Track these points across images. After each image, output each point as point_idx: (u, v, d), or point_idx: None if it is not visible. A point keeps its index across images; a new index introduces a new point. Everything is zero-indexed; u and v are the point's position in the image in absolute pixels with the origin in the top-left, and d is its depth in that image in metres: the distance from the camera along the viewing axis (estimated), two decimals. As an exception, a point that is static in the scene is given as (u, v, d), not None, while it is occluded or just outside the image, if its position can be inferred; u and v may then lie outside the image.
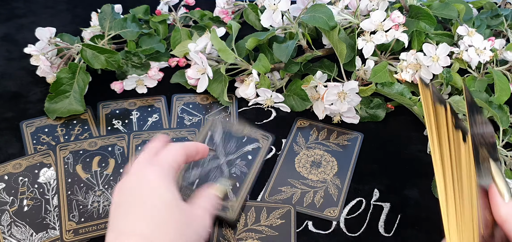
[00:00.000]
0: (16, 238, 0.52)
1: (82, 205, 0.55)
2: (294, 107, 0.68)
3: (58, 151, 0.60)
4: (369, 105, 0.68)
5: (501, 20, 0.78)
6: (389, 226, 0.54)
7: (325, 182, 0.59)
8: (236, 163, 0.59)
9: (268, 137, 0.63)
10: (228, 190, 0.56)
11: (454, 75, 0.66)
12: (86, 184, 0.57)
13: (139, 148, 0.62)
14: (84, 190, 0.56)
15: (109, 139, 0.63)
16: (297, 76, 0.73)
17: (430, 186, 0.58)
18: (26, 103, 0.69)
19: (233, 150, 0.60)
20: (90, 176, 0.58)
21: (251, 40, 0.69)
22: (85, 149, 0.61)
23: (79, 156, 0.60)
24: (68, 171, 0.58)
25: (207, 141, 0.60)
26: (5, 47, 0.81)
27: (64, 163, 0.59)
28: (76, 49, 0.71)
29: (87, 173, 0.58)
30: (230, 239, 0.52)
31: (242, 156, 0.60)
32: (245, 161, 0.60)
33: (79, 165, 0.59)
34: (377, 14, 0.69)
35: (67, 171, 0.58)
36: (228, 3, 0.87)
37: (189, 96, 0.71)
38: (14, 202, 0.55)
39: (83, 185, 0.57)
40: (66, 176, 0.58)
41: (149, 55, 0.74)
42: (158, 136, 0.50)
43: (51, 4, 0.94)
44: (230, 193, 0.56)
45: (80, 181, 0.57)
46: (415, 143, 0.64)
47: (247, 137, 0.62)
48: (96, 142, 0.62)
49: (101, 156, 0.60)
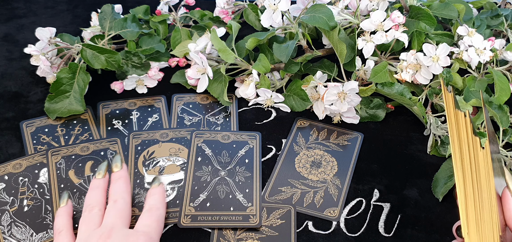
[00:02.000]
0: (16, 238, 0.51)
1: (75, 211, 0.54)
2: (294, 108, 0.68)
3: (50, 156, 0.59)
4: (369, 106, 0.68)
5: (501, 20, 0.78)
6: (389, 226, 0.54)
7: (325, 182, 0.59)
8: (237, 171, 0.59)
9: (255, 135, 0.63)
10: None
11: (454, 75, 0.66)
12: (79, 189, 0.56)
13: (138, 148, 0.62)
14: (77, 195, 0.56)
15: (101, 143, 0.62)
16: (297, 76, 0.73)
17: (430, 186, 0.58)
18: (26, 103, 0.69)
19: (228, 159, 0.60)
20: (82, 181, 0.57)
21: (251, 40, 0.69)
22: (77, 153, 0.60)
23: (72, 161, 0.59)
24: (60, 176, 0.57)
25: (200, 157, 0.60)
26: (5, 47, 0.81)
27: (57, 169, 0.58)
28: (76, 49, 0.71)
29: (80, 178, 0.58)
30: (230, 239, 0.52)
31: (239, 162, 0.60)
32: (244, 166, 0.60)
33: (72, 170, 0.58)
34: (377, 14, 0.69)
35: (59, 177, 0.57)
36: (228, 3, 0.87)
37: (189, 96, 0.71)
38: (14, 202, 0.55)
39: (76, 191, 0.56)
40: (59, 182, 0.57)
41: (149, 55, 0.74)
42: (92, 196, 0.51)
43: (51, 4, 0.94)
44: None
45: (73, 186, 0.57)
46: (415, 143, 0.64)
47: (236, 142, 0.62)
48: (88, 146, 0.61)
49: (93, 160, 0.60)
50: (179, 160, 0.60)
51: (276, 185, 0.58)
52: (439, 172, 0.58)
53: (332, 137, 0.65)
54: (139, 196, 0.55)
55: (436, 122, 0.64)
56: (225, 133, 0.64)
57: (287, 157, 0.62)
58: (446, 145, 0.62)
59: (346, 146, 0.64)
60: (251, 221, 0.53)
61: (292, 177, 0.59)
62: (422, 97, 0.68)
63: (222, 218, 0.54)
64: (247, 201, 0.56)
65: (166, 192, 0.56)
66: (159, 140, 0.63)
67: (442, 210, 0.56)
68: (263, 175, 0.59)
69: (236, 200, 0.56)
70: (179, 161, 0.60)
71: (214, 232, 0.53)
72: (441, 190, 0.57)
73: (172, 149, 0.62)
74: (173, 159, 0.60)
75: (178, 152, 0.61)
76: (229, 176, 0.58)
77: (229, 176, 0.58)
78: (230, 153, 0.61)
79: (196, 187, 0.57)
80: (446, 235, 0.53)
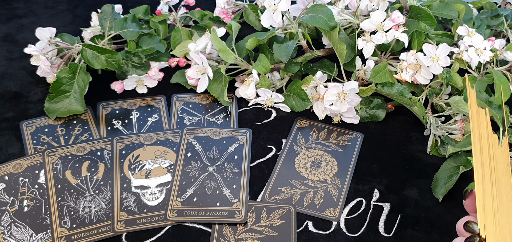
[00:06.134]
0: (16, 238, 0.51)
1: (73, 211, 0.54)
2: (294, 108, 0.68)
3: (47, 157, 0.59)
4: (369, 106, 0.68)
5: (501, 20, 0.78)
6: (389, 226, 0.54)
7: (325, 182, 0.59)
8: (226, 167, 0.59)
9: (245, 132, 0.64)
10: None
11: (454, 75, 0.66)
12: (76, 189, 0.56)
13: (123, 152, 0.61)
14: (74, 195, 0.56)
15: (97, 143, 0.62)
16: (297, 76, 0.73)
17: (430, 186, 0.58)
18: (26, 103, 0.69)
19: (217, 155, 0.61)
20: (80, 181, 0.57)
21: (251, 40, 0.69)
22: (74, 154, 0.60)
23: (68, 161, 0.59)
24: (57, 176, 0.57)
25: (189, 152, 0.60)
26: (5, 47, 0.81)
27: (53, 169, 0.58)
28: (76, 49, 0.71)
29: (77, 178, 0.58)
30: (230, 239, 0.52)
31: (228, 158, 0.60)
32: (233, 162, 0.60)
33: (69, 170, 0.58)
34: (377, 14, 0.69)
35: (56, 177, 0.57)
36: (228, 3, 0.87)
37: (189, 96, 0.71)
38: (14, 202, 0.55)
39: (73, 191, 0.56)
40: (56, 182, 0.57)
41: (149, 55, 0.75)
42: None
43: (51, 4, 0.94)
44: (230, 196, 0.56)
45: (70, 186, 0.57)
46: (415, 143, 0.64)
47: (226, 139, 0.62)
48: (84, 146, 0.61)
49: (90, 160, 0.60)
50: (165, 162, 0.60)
51: (276, 185, 0.58)
52: (439, 172, 0.58)
53: (332, 137, 0.65)
54: (126, 200, 0.56)
55: (436, 122, 0.64)
56: (216, 129, 0.64)
57: (287, 157, 0.62)
58: (446, 145, 0.62)
59: (346, 146, 0.64)
60: (237, 216, 0.54)
61: (292, 177, 0.59)
62: (422, 97, 0.68)
63: (208, 213, 0.54)
64: (233, 197, 0.56)
65: (154, 195, 0.56)
66: (143, 143, 0.63)
67: (442, 210, 0.56)
68: (263, 175, 0.59)
69: (223, 196, 0.56)
70: (165, 163, 0.60)
71: (214, 232, 0.53)
72: (441, 190, 0.57)
73: (157, 152, 0.62)
74: (159, 162, 0.60)
75: (164, 154, 0.61)
76: (218, 171, 0.59)
77: (217, 172, 0.59)
78: (220, 149, 0.62)
79: (184, 182, 0.57)
80: (446, 235, 0.53)
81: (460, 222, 0.43)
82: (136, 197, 0.56)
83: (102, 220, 0.53)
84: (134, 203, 0.55)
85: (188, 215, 0.54)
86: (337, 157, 0.62)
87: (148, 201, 0.56)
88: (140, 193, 0.56)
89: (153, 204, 0.55)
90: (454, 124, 0.63)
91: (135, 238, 0.52)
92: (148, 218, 0.54)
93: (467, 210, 0.44)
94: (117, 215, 0.54)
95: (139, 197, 0.56)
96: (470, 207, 0.44)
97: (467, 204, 0.44)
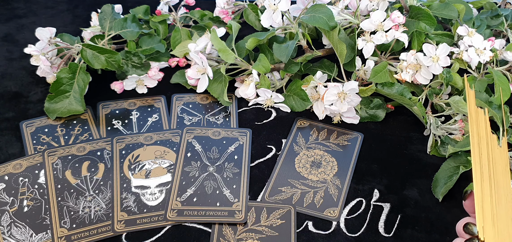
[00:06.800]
0: (16, 238, 0.51)
1: (73, 211, 0.54)
2: (294, 108, 0.68)
3: (47, 157, 0.59)
4: (369, 106, 0.68)
5: (501, 20, 0.78)
6: (389, 226, 0.54)
7: (325, 182, 0.59)
8: (226, 167, 0.59)
9: (245, 132, 0.64)
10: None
11: (454, 75, 0.66)
12: (76, 189, 0.56)
13: (123, 152, 0.62)
14: (74, 195, 0.56)
15: (97, 143, 0.62)
16: (297, 76, 0.73)
17: (430, 186, 0.58)
18: (26, 103, 0.69)
19: (217, 155, 0.61)
20: (80, 181, 0.57)
21: (251, 40, 0.69)
22: (73, 154, 0.60)
23: (68, 161, 0.59)
24: (57, 176, 0.57)
25: (189, 152, 0.60)
26: (5, 47, 0.81)
27: (53, 169, 0.58)
28: (76, 49, 0.71)
29: (77, 178, 0.58)
30: (230, 239, 0.52)
31: (228, 158, 0.60)
32: (233, 162, 0.60)
33: (68, 170, 0.58)
34: (377, 14, 0.69)
35: (56, 177, 0.57)
36: (228, 3, 0.87)
37: (189, 96, 0.71)
38: (14, 202, 0.55)
39: (73, 191, 0.56)
40: (56, 182, 0.57)
41: (149, 55, 0.75)
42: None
43: (51, 4, 0.94)
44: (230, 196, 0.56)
45: (70, 186, 0.57)
46: (415, 143, 0.64)
47: (226, 139, 0.62)
48: (84, 146, 0.61)
49: (90, 160, 0.60)
50: (165, 162, 0.60)
51: (276, 185, 0.58)
52: (439, 172, 0.58)
53: (332, 137, 0.65)
54: (126, 200, 0.56)
55: (436, 122, 0.64)
56: (216, 129, 0.64)
57: (287, 157, 0.62)
58: (446, 145, 0.62)
59: (346, 146, 0.64)
60: (237, 216, 0.54)
61: (292, 177, 0.59)
62: (422, 97, 0.68)
63: (208, 213, 0.54)
64: (233, 197, 0.56)
65: (154, 195, 0.56)
66: (143, 143, 0.63)
67: (442, 210, 0.56)
68: (263, 175, 0.59)
69: (223, 196, 0.56)
70: (165, 163, 0.60)
71: (214, 232, 0.53)
72: (441, 190, 0.57)
73: (157, 152, 0.62)
74: (159, 162, 0.60)
75: (164, 154, 0.61)
76: (217, 171, 0.59)
77: (217, 172, 0.59)
78: (220, 149, 0.62)
79: (184, 182, 0.57)
80: (446, 235, 0.53)
81: (459, 224, 0.43)
82: (136, 197, 0.56)
83: (102, 220, 0.53)
84: (134, 203, 0.55)
85: (188, 215, 0.54)
86: (337, 157, 0.62)
87: (148, 201, 0.56)
88: (140, 193, 0.56)
89: (153, 204, 0.55)
90: (454, 124, 0.63)
91: (135, 238, 0.52)
92: (148, 218, 0.54)
93: (467, 210, 0.44)
94: (117, 215, 0.54)
95: (139, 197, 0.56)
96: (470, 208, 0.44)
97: (467, 204, 0.44)
